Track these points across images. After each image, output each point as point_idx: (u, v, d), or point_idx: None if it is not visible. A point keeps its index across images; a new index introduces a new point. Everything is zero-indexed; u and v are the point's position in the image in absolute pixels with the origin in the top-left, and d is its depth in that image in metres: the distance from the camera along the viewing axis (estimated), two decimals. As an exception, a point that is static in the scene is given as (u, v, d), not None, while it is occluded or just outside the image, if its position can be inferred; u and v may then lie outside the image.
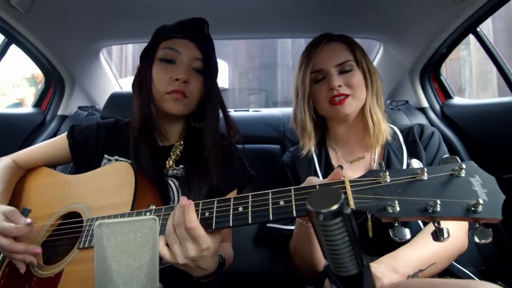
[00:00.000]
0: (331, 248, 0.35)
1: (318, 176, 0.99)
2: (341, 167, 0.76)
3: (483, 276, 0.83)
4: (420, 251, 0.77)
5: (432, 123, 1.53)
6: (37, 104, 1.66)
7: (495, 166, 0.59)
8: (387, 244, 0.78)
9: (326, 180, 0.62)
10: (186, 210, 0.62)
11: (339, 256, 0.35)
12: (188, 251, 0.63)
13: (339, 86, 0.95)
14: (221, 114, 0.99)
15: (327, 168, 1.01)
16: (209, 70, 0.95)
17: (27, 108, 1.67)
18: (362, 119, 1.00)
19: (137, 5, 1.28)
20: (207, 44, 0.96)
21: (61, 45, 1.48)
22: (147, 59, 0.96)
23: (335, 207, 0.33)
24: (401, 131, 1.02)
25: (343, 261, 0.36)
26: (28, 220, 0.78)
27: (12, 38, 1.34)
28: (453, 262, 0.85)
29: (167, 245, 0.65)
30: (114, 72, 1.92)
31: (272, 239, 1.04)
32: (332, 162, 1.02)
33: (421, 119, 1.54)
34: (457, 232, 0.83)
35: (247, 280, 1.14)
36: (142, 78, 0.94)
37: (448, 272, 0.84)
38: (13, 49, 1.41)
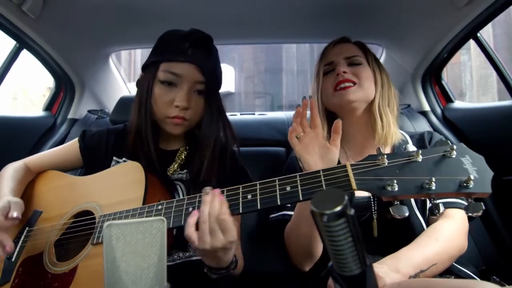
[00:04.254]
0: (335, 248, 0.36)
1: None
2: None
3: (483, 276, 0.83)
4: (422, 252, 0.77)
5: (433, 127, 1.54)
6: (48, 107, 1.68)
7: (495, 168, 0.61)
8: (392, 243, 0.80)
9: None
10: (223, 203, 0.66)
11: (342, 256, 0.36)
12: (217, 241, 0.65)
13: (344, 72, 0.96)
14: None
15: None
16: (210, 91, 0.94)
17: (38, 112, 1.69)
18: (371, 119, 1.00)
19: (146, 11, 1.30)
20: (209, 63, 0.93)
21: (72, 50, 1.51)
22: (148, 73, 0.94)
23: (338, 208, 0.34)
24: (411, 137, 1.04)
25: (346, 261, 0.36)
26: (15, 214, 0.79)
27: (23, 43, 1.36)
28: (454, 263, 0.85)
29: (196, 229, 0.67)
30: (123, 77, 1.94)
31: (275, 236, 1.04)
32: (341, 160, 1.00)
33: (422, 123, 1.55)
34: (457, 233, 0.83)
35: (249, 279, 1.15)
36: (143, 91, 0.93)
37: (449, 271, 0.84)
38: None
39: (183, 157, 0.99)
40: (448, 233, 0.82)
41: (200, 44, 0.91)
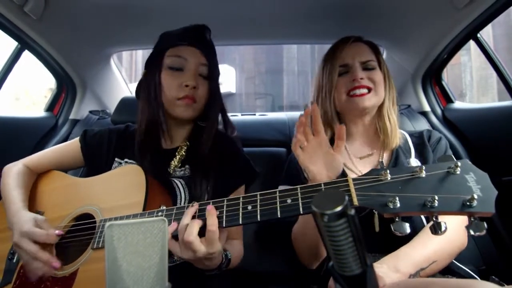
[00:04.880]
0: (336, 248, 0.36)
1: None
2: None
3: (482, 276, 0.83)
4: (421, 250, 0.77)
5: (433, 127, 1.55)
6: (49, 108, 1.69)
7: (495, 168, 0.61)
8: (394, 239, 0.79)
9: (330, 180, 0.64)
10: (211, 214, 0.66)
11: (343, 256, 0.36)
12: (188, 255, 0.67)
13: (361, 78, 0.97)
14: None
15: None
16: (213, 75, 1.00)
17: (40, 112, 1.69)
18: (378, 121, 1.02)
19: (146, 12, 1.31)
20: (210, 49, 1.00)
21: (73, 51, 1.51)
22: (154, 66, 0.98)
23: (339, 208, 0.34)
24: (410, 135, 1.05)
25: (347, 261, 0.36)
26: (57, 231, 0.80)
27: (25, 44, 1.37)
28: (453, 260, 0.86)
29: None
30: (124, 77, 1.96)
31: (277, 235, 1.05)
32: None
33: (423, 123, 1.56)
34: (456, 230, 0.82)
35: (251, 279, 1.15)
36: (150, 84, 0.97)
37: (448, 270, 0.84)
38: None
39: (183, 152, 1.00)
40: (448, 229, 0.81)
41: (200, 32, 1.00)
